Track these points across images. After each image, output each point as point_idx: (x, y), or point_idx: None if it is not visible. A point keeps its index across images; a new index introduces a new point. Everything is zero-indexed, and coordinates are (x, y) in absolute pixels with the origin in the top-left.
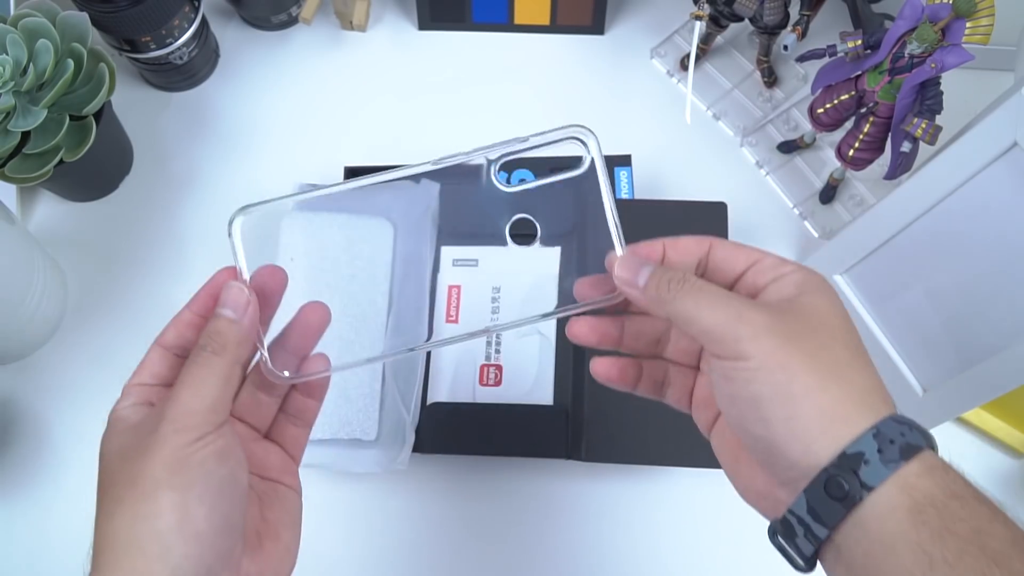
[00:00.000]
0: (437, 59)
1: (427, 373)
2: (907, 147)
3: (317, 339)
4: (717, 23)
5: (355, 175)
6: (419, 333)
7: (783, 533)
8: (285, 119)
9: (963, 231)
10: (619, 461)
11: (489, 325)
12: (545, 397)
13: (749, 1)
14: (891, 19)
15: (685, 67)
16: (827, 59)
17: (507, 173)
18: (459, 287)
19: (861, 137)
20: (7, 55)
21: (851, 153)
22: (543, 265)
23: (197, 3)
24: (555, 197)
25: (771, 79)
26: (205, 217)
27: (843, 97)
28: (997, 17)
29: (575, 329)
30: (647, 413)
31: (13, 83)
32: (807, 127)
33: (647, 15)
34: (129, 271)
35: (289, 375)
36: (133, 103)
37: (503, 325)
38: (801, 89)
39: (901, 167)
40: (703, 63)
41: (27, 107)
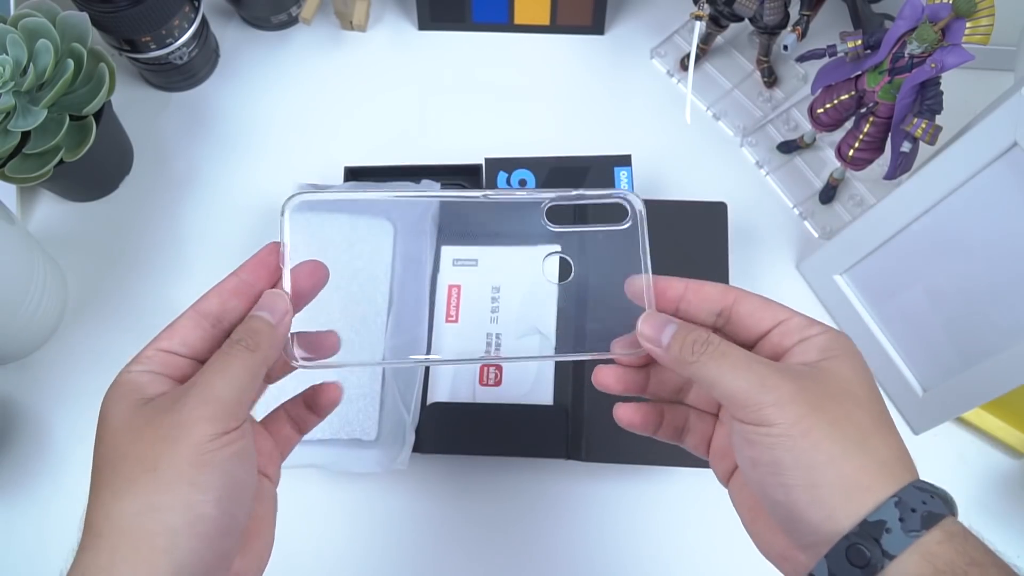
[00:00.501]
0: (437, 59)
1: (427, 373)
2: (907, 147)
3: (328, 351)
4: (717, 23)
5: (355, 175)
6: (419, 333)
7: None
8: (285, 119)
9: (963, 231)
10: (619, 461)
11: (495, 354)
12: (545, 397)
13: (749, 1)
14: (891, 19)
15: (685, 67)
16: (827, 59)
17: (507, 173)
18: (459, 287)
19: (861, 137)
20: (7, 55)
21: (851, 153)
22: (543, 266)
23: (197, 3)
24: (594, 243)
25: (771, 79)
26: (205, 217)
27: (843, 97)
28: (997, 17)
29: (601, 378)
30: None
31: (13, 83)
32: (807, 127)
33: (647, 15)
34: (129, 271)
35: (303, 358)
36: (133, 103)
37: (510, 358)
38: (801, 89)
39: (901, 167)
40: (703, 63)
41: (27, 107)
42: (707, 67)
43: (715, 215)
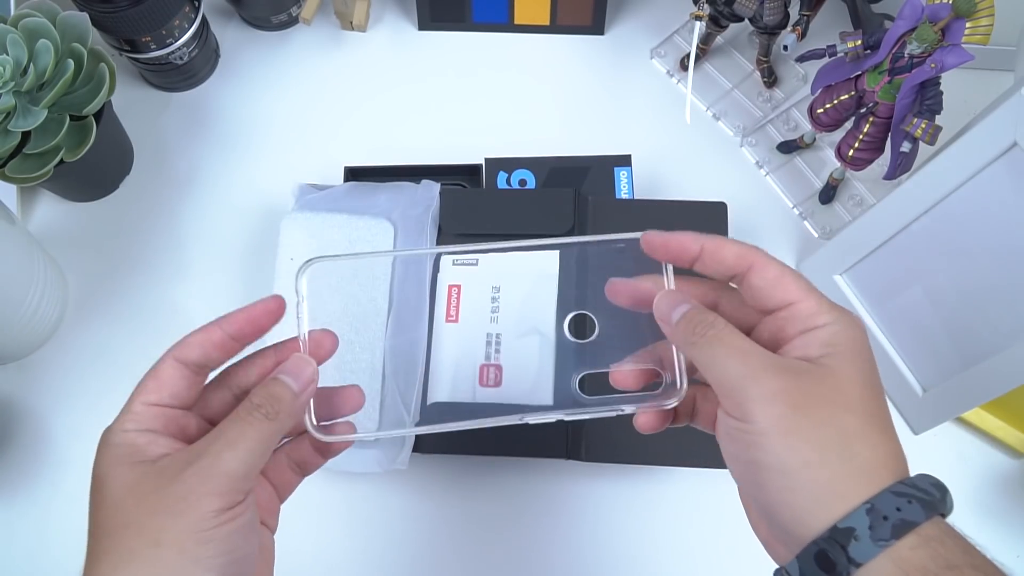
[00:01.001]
0: (437, 59)
1: (427, 373)
2: (907, 147)
3: (350, 409)
4: (717, 23)
5: (355, 175)
6: (419, 333)
7: None
8: (285, 119)
9: (963, 231)
10: (619, 461)
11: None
12: (545, 397)
13: (749, 1)
14: (891, 19)
15: (685, 67)
16: (827, 59)
17: (507, 173)
18: (459, 287)
19: (861, 137)
20: (7, 55)
21: (851, 153)
22: (542, 266)
23: (197, 3)
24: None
25: (771, 79)
26: (205, 217)
27: (843, 97)
28: (997, 17)
29: (618, 378)
30: None
31: (13, 83)
32: (807, 127)
33: (647, 15)
34: (129, 271)
35: (317, 429)
36: (133, 103)
37: (538, 416)
38: (801, 89)
39: (901, 167)
40: (703, 63)
41: (27, 107)
42: (707, 67)
43: (715, 215)
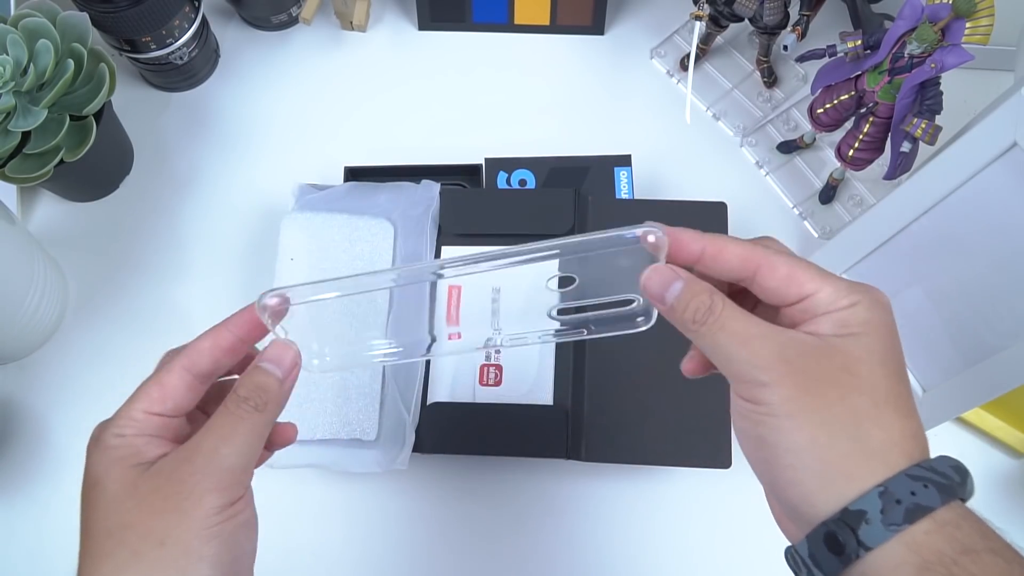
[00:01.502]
0: (437, 59)
1: (427, 373)
2: (907, 147)
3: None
4: (717, 23)
5: (355, 175)
6: (419, 333)
7: (791, 566)
8: (285, 119)
9: (963, 231)
10: (619, 461)
11: (492, 337)
12: (545, 397)
13: (749, 1)
14: (891, 19)
15: (685, 67)
16: (827, 59)
17: (507, 173)
18: (459, 287)
19: (861, 137)
20: (7, 55)
21: (851, 153)
22: (542, 265)
23: (197, 3)
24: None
25: (771, 79)
26: (205, 217)
27: (843, 97)
28: (997, 17)
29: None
30: (647, 413)
31: (13, 83)
32: (807, 127)
33: (647, 15)
34: (129, 271)
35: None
36: (133, 103)
37: (512, 336)
38: (801, 89)
39: (901, 167)
40: (703, 63)
41: (27, 107)
42: (707, 67)
43: (715, 215)
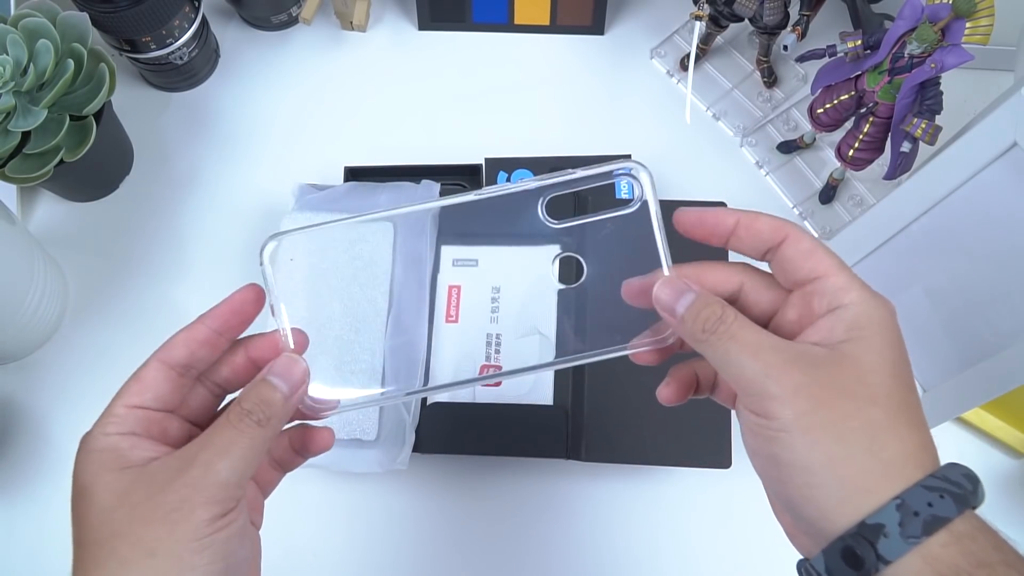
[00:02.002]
0: (437, 59)
1: (427, 373)
2: (907, 147)
3: (317, 449)
4: (717, 23)
5: (355, 175)
6: (419, 333)
7: None
8: (285, 119)
9: (963, 231)
10: (619, 461)
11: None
12: (545, 397)
13: (749, 1)
14: (891, 19)
15: (685, 67)
16: (827, 59)
17: (507, 173)
18: (459, 287)
19: (861, 137)
20: (7, 55)
21: (851, 153)
22: (543, 265)
23: (197, 3)
24: (603, 234)
25: (771, 79)
26: (205, 217)
27: (843, 97)
28: (997, 17)
29: (641, 358)
30: (647, 413)
31: (13, 83)
32: (807, 127)
33: (647, 15)
34: (129, 271)
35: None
36: (133, 103)
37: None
38: (801, 89)
39: (901, 167)
40: (703, 63)
41: (27, 107)
42: (707, 67)
43: None
